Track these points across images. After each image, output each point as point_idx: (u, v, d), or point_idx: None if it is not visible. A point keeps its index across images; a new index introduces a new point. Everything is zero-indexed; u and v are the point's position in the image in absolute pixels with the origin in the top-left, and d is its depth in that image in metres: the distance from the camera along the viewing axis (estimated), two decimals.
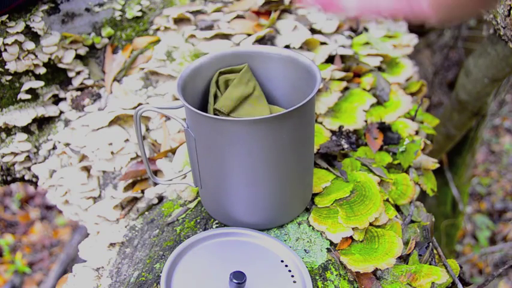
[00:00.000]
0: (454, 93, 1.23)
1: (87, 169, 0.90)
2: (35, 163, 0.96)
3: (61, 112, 0.98)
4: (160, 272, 0.62)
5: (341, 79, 0.93)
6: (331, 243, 0.66)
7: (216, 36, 0.98)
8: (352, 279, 0.63)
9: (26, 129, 0.95)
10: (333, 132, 0.84)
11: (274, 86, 0.72)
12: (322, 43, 0.99)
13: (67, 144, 0.93)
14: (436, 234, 1.51)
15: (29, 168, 0.96)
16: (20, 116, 0.93)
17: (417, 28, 1.35)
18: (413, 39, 1.07)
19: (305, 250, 0.65)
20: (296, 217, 0.70)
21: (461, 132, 1.35)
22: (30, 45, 0.90)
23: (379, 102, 0.92)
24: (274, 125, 0.58)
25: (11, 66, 0.90)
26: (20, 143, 0.94)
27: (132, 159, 0.88)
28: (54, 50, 0.94)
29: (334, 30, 1.01)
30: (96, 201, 0.88)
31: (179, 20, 1.04)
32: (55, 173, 0.92)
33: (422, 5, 0.35)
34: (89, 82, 1.00)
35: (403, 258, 0.68)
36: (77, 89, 1.00)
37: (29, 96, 0.94)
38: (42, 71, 0.94)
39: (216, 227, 0.68)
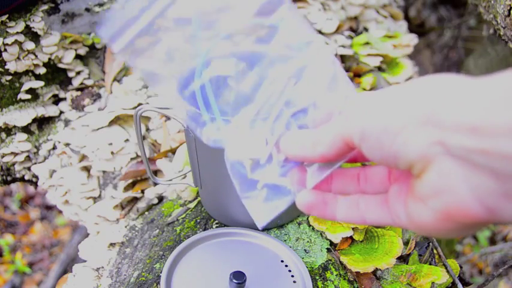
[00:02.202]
0: None
1: (87, 169, 0.90)
2: (35, 163, 0.96)
3: (61, 112, 0.98)
4: (160, 272, 0.62)
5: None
6: (331, 243, 0.66)
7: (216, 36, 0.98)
8: (352, 279, 0.63)
9: (26, 129, 0.95)
10: None
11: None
12: None
13: (67, 144, 0.93)
14: None
15: (29, 168, 0.96)
16: (20, 116, 0.93)
17: (417, 28, 1.35)
18: (413, 39, 1.07)
19: (305, 250, 0.65)
20: (296, 217, 0.70)
21: None
22: (30, 45, 0.90)
23: None
24: None
25: (11, 66, 0.90)
26: (20, 143, 0.94)
27: (132, 159, 0.88)
28: (54, 50, 0.94)
29: (334, 30, 1.01)
30: (96, 201, 0.88)
31: None
32: (55, 173, 0.92)
33: (402, 222, 0.39)
34: (89, 82, 1.00)
35: (403, 258, 0.68)
36: (77, 89, 1.00)
37: (29, 96, 0.94)
38: (42, 71, 0.94)
39: (216, 227, 0.68)
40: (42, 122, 0.97)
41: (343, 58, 0.98)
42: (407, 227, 0.39)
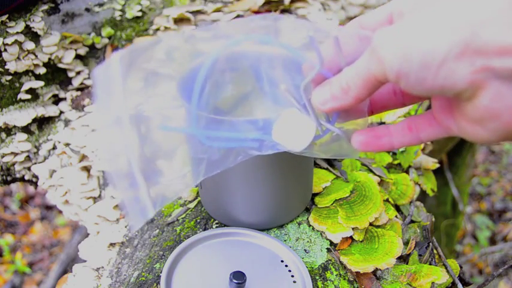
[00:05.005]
0: None
1: (87, 169, 0.90)
2: (35, 163, 0.96)
3: (61, 112, 0.98)
4: (160, 272, 0.62)
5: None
6: (331, 243, 0.66)
7: (216, 36, 0.98)
8: (352, 279, 0.63)
9: (26, 129, 0.95)
10: None
11: (275, 86, 0.72)
12: None
13: (67, 144, 0.93)
14: (436, 234, 1.51)
15: (29, 168, 0.96)
16: (20, 116, 0.93)
17: None
18: None
19: (305, 250, 0.65)
20: (296, 217, 0.70)
21: None
22: (30, 45, 0.90)
23: None
24: None
25: (11, 66, 0.90)
26: (20, 143, 0.94)
27: None
28: (54, 50, 0.94)
29: None
30: (96, 201, 0.88)
31: (179, 20, 1.04)
32: (55, 173, 0.92)
33: (456, 132, 0.40)
34: (89, 82, 1.00)
35: (403, 258, 0.68)
36: (77, 89, 1.00)
37: (29, 96, 0.94)
38: (42, 71, 0.94)
39: (216, 227, 0.68)
40: (42, 122, 0.97)
41: None
42: (461, 136, 0.40)
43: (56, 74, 0.99)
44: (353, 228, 0.66)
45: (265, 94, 0.56)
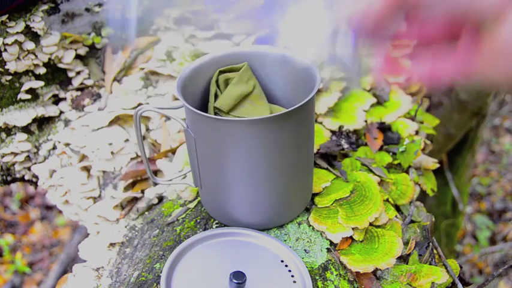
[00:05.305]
0: (454, 93, 1.23)
1: (87, 169, 0.90)
2: (35, 163, 0.96)
3: (61, 112, 0.98)
4: (160, 272, 0.62)
5: (341, 79, 0.93)
6: (331, 243, 0.66)
7: (216, 36, 0.98)
8: (352, 279, 0.63)
9: (26, 129, 0.95)
10: (333, 132, 0.84)
11: (274, 86, 0.72)
12: None
13: (67, 144, 0.93)
14: (436, 234, 1.51)
15: (29, 168, 0.96)
16: (20, 116, 0.93)
17: None
18: None
19: (305, 250, 0.65)
20: (296, 217, 0.70)
21: (461, 132, 1.35)
22: (30, 45, 0.90)
23: (379, 102, 0.92)
24: (274, 125, 0.58)
25: (11, 66, 0.90)
26: (20, 143, 0.94)
27: (132, 159, 0.88)
28: (54, 50, 0.94)
29: None
30: (96, 201, 0.88)
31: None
32: (55, 173, 0.92)
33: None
34: (89, 82, 1.00)
35: (403, 258, 0.68)
36: (77, 89, 1.00)
37: (29, 96, 0.94)
38: (42, 71, 0.94)
39: (216, 227, 0.68)
40: (42, 122, 0.97)
41: None
42: (479, 79, 0.39)
43: (56, 74, 0.99)
44: (353, 228, 0.66)
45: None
